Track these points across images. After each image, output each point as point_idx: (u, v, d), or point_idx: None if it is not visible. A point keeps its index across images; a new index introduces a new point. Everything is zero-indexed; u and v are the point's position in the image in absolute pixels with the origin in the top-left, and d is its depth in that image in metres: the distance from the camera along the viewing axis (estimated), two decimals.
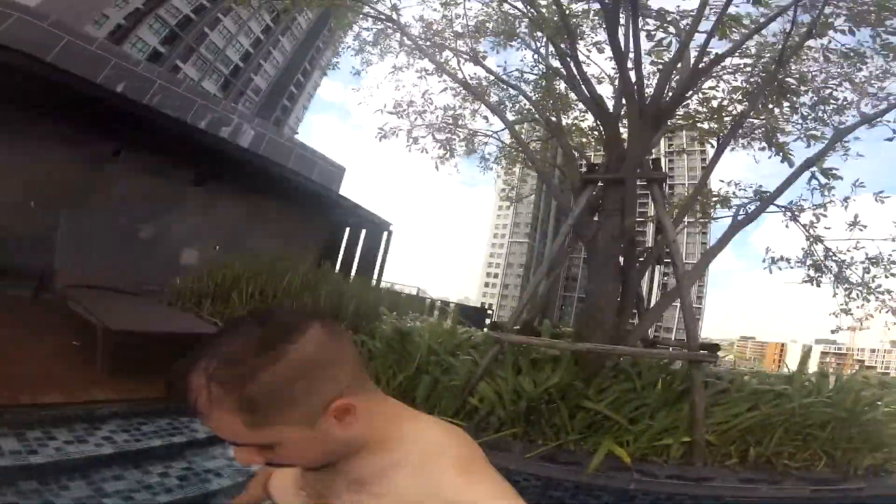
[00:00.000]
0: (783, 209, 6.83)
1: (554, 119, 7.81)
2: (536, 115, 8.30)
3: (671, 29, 5.88)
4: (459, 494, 0.60)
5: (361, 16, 7.54)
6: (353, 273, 12.96)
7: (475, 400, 4.53)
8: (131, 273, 7.08)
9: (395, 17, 7.12)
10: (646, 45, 6.00)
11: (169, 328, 4.49)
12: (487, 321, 14.17)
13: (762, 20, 5.74)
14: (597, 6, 6.26)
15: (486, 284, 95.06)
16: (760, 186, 7.11)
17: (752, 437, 4.54)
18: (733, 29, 5.93)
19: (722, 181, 8.36)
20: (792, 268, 7.08)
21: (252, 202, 9.94)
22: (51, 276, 5.92)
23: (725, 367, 7.88)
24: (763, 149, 7.37)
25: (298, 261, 7.73)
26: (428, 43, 7.56)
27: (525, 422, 4.50)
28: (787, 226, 6.89)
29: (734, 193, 7.73)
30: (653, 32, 5.86)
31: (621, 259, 6.38)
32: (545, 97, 8.09)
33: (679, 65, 5.94)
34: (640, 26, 5.36)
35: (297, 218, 11.00)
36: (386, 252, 15.36)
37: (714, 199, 8.14)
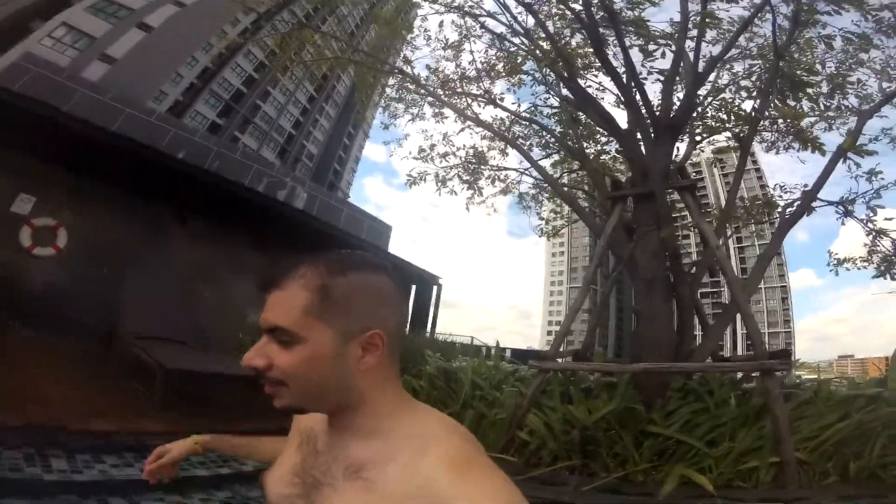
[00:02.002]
0: (833, 204, 6.33)
1: (575, 145, 7.83)
2: (558, 146, 8.38)
3: (660, 40, 5.92)
4: (448, 489, 0.59)
5: (381, 73, 8.17)
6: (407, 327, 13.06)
7: (524, 433, 4.28)
8: (194, 330, 7.51)
9: (408, 70, 7.65)
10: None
11: (221, 369, 4.70)
12: None
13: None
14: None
15: (549, 333, 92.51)
16: (806, 186, 6.68)
17: (850, 449, 3.95)
18: (713, 27, 5.90)
19: (772, 189, 7.96)
20: (859, 268, 6.63)
21: None
22: (118, 330, 6.41)
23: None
24: (791, 147, 7.04)
25: None
26: (444, 91, 7.99)
27: (582, 454, 4.17)
28: (842, 223, 6.36)
29: (780, 196, 7.35)
30: (644, 46, 5.91)
31: (670, 275, 6.08)
32: (569, 126, 8.19)
33: (681, 76, 5.93)
34: (625, 42, 5.46)
35: None
36: (437, 305, 15.55)
37: (757, 203, 7.72)
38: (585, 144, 8.28)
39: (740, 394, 4.76)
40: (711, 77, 6.85)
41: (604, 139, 8.60)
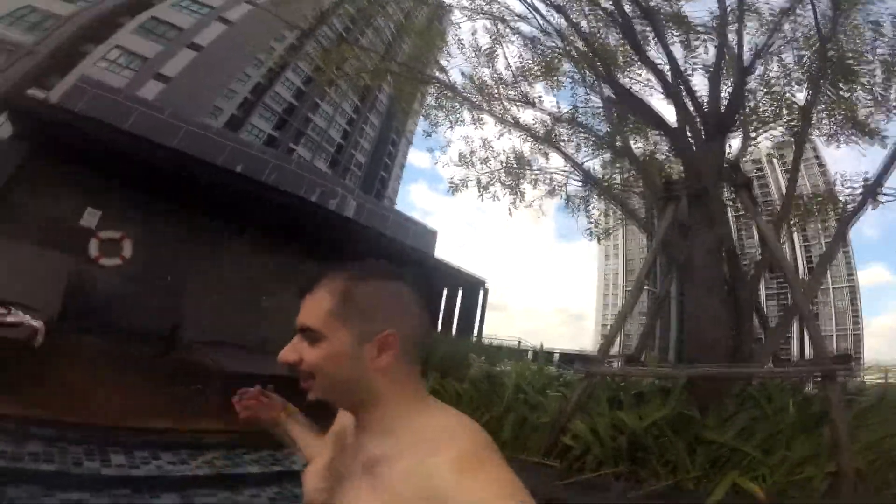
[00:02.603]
0: None
1: (621, 144, 7.63)
2: (605, 146, 8.17)
3: (701, 33, 5.68)
4: (451, 487, 0.61)
5: (419, 82, 8.29)
6: (453, 331, 13.19)
7: (567, 438, 4.23)
8: (254, 335, 7.93)
9: (444, 78, 7.73)
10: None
11: (279, 371, 4.96)
12: None
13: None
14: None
15: (603, 336, 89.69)
16: (867, 174, 6.20)
17: None
18: (752, 17, 5.58)
19: (835, 182, 7.41)
20: None
21: None
22: (180, 336, 6.88)
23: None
24: (852, 140, 6.53)
25: None
26: (480, 97, 8.00)
27: (630, 460, 4.07)
28: None
29: (842, 188, 6.82)
30: (686, 41, 5.69)
31: (727, 276, 5.82)
32: (616, 125, 7.99)
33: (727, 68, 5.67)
34: (666, 37, 5.28)
35: None
36: (484, 308, 15.60)
37: (818, 198, 7.21)
38: (635, 143, 8.05)
39: (800, 400, 4.49)
40: (760, 69, 6.54)
41: (655, 138, 8.34)
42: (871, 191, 5.44)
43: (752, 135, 7.40)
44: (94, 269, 7.77)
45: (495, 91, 8.03)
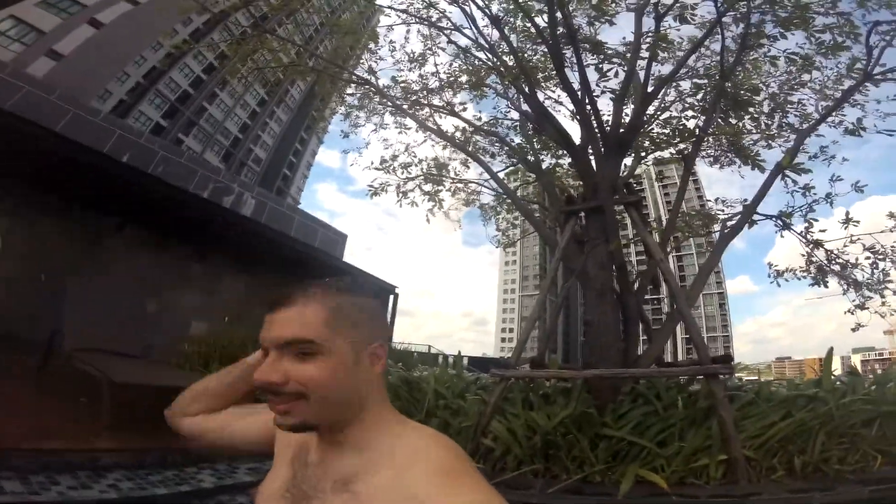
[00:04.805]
0: (772, 218, 6.79)
1: (532, 159, 8.09)
2: (515, 159, 8.60)
3: (615, 59, 6.28)
4: (437, 498, 0.60)
5: (343, 82, 8.11)
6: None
7: (489, 440, 4.36)
8: (138, 341, 7.12)
9: (373, 80, 7.67)
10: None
11: (171, 382, 4.51)
12: None
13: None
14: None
15: (503, 339, 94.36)
16: (746, 200, 7.10)
17: (793, 446, 4.27)
18: (664, 49, 6.29)
19: (708, 200, 8.59)
20: (799, 278, 7.02)
21: (255, 272, 9.85)
22: (59, 343, 5.98)
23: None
24: (733, 163, 7.56)
25: None
26: (406, 103, 8.05)
27: (544, 458, 4.31)
28: (781, 235, 6.81)
29: (722, 210, 7.83)
30: (600, 65, 6.25)
31: (616, 286, 6.37)
32: (528, 139, 8.44)
33: (631, 93, 6.29)
34: (583, 61, 5.75)
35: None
36: (394, 314, 15.49)
37: (699, 217, 8.25)
38: (542, 157, 8.56)
39: (686, 396, 5.03)
40: (660, 94, 7.21)
41: (559, 153, 8.94)
42: (750, 212, 6.23)
43: (643, 154, 8.24)
44: None
45: (421, 97, 8.12)
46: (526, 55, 7.07)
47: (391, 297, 15.36)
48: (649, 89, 6.33)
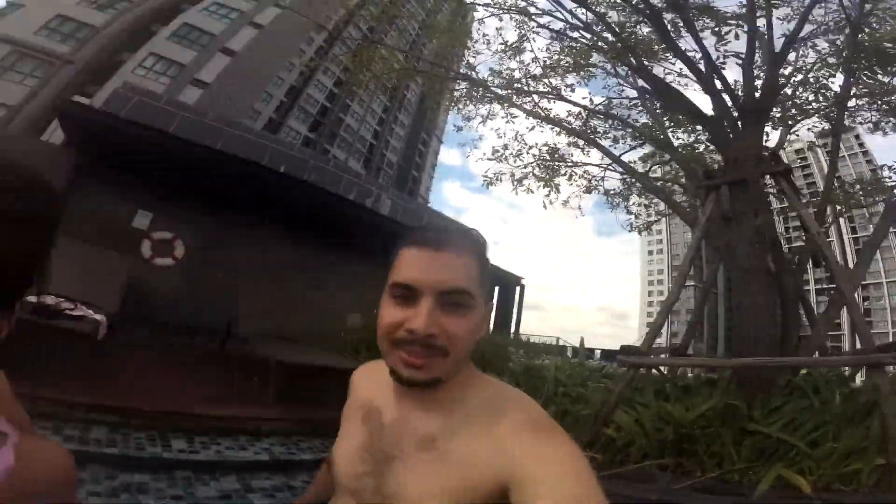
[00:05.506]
0: None
1: (662, 136, 7.51)
2: (642, 139, 8.05)
3: (731, 21, 5.54)
4: (520, 451, 0.61)
5: (447, 80, 8.33)
6: (490, 327, 13.30)
7: (611, 430, 4.24)
8: (299, 328, 8.19)
9: (473, 75, 7.75)
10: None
11: (329, 363, 5.22)
12: None
13: None
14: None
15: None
16: None
17: None
18: (776, 6, 5.39)
19: (875, 170, 7.19)
20: None
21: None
22: (235, 330, 7.20)
23: None
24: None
25: None
26: (509, 91, 7.99)
27: (676, 452, 4.06)
28: None
29: (888, 178, 6.57)
30: (716, 28, 5.56)
31: (771, 266, 5.69)
32: (654, 117, 7.84)
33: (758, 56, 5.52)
34: (696, 27, 5.18)
35: None
36: (521, 306, 15.61)
37: (863, 185, 6.95)
38: (675, 135, 7.89)
39: (847, 391, 4.39)
40: (793, 56, 6.34)
41: (693, 128, 8.14)
42: None
43: (790, 123, 7.17)
44: (148, 269, 8.20)
45: (524, 85, 8.01)
46: (629, 30, 6.53)
47: (517, 288, 15.53)
48: (777, 50, 5.50)
